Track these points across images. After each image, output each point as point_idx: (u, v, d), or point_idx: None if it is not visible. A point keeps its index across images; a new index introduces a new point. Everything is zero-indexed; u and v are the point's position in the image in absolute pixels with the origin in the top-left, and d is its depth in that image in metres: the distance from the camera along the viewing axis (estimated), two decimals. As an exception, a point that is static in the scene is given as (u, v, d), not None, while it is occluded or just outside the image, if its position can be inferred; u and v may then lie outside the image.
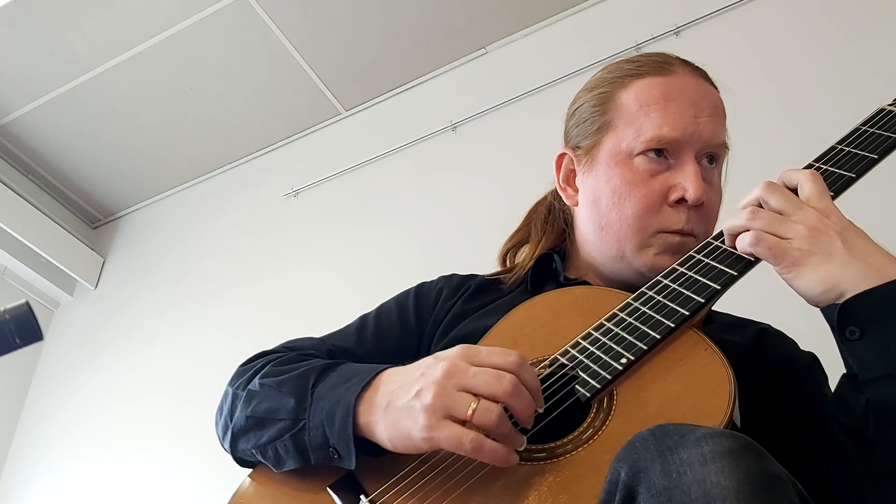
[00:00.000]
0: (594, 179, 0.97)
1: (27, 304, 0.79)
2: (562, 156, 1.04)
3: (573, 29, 2.35)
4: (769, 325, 0.97)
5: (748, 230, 0.76)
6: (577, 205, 1.02)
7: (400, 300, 1.04)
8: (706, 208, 0.93)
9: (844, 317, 0.69)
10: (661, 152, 0.92)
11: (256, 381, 0.85)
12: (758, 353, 0.90)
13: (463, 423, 0.66)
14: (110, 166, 2.89)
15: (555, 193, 1.09)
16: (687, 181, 0.90)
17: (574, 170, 1.02)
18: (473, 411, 0.65)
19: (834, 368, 0.82)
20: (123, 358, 2.61)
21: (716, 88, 0.99)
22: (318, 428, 0.75)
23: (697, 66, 0.99)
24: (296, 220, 2.57)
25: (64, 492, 2.42)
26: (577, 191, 1.01)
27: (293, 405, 0.78)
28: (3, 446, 2.63)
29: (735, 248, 0.78)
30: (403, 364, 0.76)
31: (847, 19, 1.92)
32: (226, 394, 0.89)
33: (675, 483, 0.51)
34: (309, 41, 2.49)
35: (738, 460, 0.52)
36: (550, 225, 1.08)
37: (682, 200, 0.90)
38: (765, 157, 1.81)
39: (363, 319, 1.03)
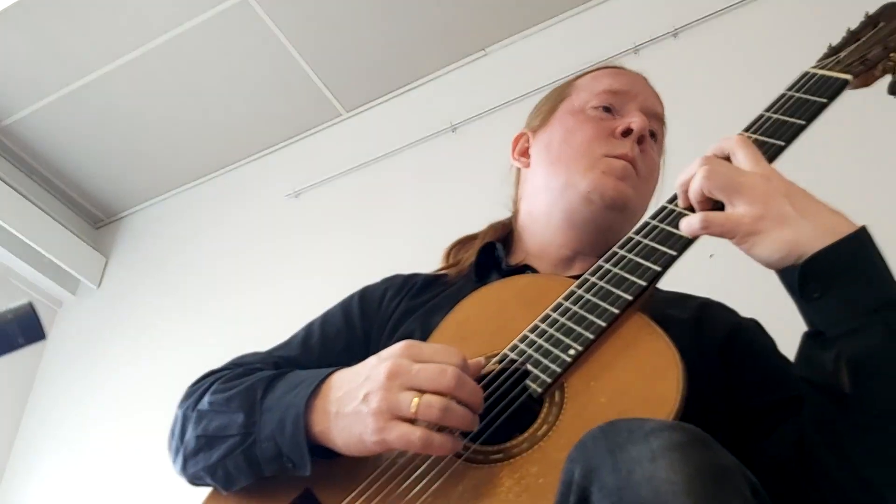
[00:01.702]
0: (548, 133, 1.07)
1: (30, 303, 0.81)
2: (519, 136, 1.14)
3: (572, 31, 2.36)
4: (709, 298, 1.00)
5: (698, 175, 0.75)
6: (529, 166, 1.09)
7: (345, 305, 1.05)
8: (647, 158, 1.02)
9: (806, 277, 0.69)
10: (610, 109, 1.03)
11: (205, 399, 0.84)
12: (703, 325, 0.91)
13: (412, 421, 0.66)
14: (113, 167, 2.89)
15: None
16: (632, 117, 1.00)
17: (529, 147, 1.11)
18: (417, 407, 0.66)
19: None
20: (126, 357, 2.62)
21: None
22: (269, 439, 0.74)
23: None
24: (297, 221, 2.58)
25: (67, 489, 2.44)
26: (530, 157, 1.10)
27: (242, 420, 0.77)
28: (7, 445, 2.64)
29: (689, 208, 0.78)
30: (351, 365, 0.75)
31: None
32: (175, 417, 0.88)
33: (625, 481, 0.51)
34: (310, 43, 2.50)
35: (687, 454, 0.52)
36: (498, 224, 1.14)
37: (627, 133, 0.99)
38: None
39: (308, 328, 1.03)
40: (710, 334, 0.89)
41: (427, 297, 1.01)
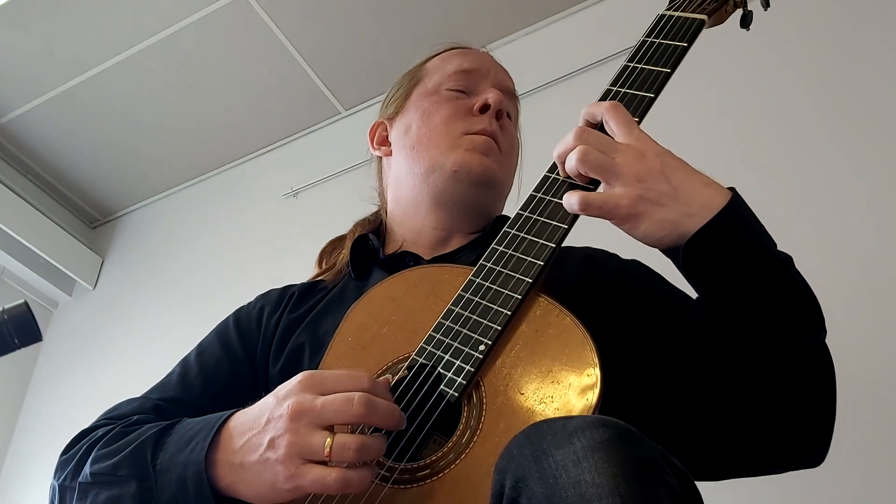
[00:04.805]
0: (405, 118, 1.06)
1: (26, 304, 0.79)
2: (376, 125, 1.13)
3: (574, 28, 2.35)
4: (587, 247, 1.00)
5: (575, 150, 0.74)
6: (391, 154, 1.09)
7: (220, 332, 0.99)
8: (506, 133, 1.02)
9: (687, 258, 0.70)
10: (464, 90, 1.04)
11: (87, 470, 0.76)
12: (592, 283, 0.91)
13: (325, 461, 0.62)
14: (109, 166, 2.88)
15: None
16: (487, 94, 1.02)
17: (387, 135, 1.10)
18: (330, 449, 0.61)
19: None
20: (122, 358, 2.61)
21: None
22: (172, 503, 0.69)
23: None
24: (295, 220, 2.56)
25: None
26: (390, 144, 1.09)
27: (135, 488, 0.71)
28: (2, 447, 2.63)
29: (569, 177, 0.76)
30: (244, 404, 0.71)
31: (850, 18, 1.92)
32: (52, 489, 0.81)
33: (552, 489, 0.50)
34: (308, 40, 2.48)
35: (611, 452, 0.51)
36: (364, 220, 1.14)
37: (485, 109, 1.00)
38: (765, 158, 1.81)
39: (184, 363, 0.97)
40: (602, 292, 0.89)
41: (309, 306, 0.97)
